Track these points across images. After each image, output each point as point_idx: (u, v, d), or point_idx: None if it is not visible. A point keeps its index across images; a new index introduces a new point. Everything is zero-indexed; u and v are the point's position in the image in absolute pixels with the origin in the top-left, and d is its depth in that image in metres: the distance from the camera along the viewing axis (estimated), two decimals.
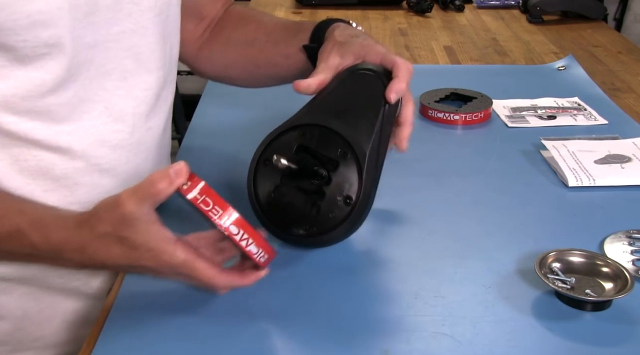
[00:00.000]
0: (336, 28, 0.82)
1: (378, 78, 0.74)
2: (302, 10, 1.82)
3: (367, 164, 0.69)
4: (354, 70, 0.76)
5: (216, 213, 0.59)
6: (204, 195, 0.59)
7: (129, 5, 0.73)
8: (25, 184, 0.71)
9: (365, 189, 0.69)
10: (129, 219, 0.59)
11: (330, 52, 0.78)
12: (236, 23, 0.95)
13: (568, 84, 1.28)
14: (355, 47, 0.77)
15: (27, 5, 0.63)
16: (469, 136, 1.07)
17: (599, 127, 1.09)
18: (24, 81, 0.67)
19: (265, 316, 0.66)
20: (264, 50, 0.91)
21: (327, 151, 0.70)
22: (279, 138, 0.73)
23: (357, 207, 0.69)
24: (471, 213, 0.84)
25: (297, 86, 0.75)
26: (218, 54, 0.95)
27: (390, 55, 0.76)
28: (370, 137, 0.70)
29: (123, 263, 0.62)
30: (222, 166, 0.95)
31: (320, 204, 0.70)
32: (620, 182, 0.90)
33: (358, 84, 0.74)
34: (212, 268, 0.62)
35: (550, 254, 0.71)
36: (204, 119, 1.13)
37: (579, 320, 0.66)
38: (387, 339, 0.63)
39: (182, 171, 0.58)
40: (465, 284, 0.71)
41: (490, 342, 0.63)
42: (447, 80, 1.22)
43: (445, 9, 1.82)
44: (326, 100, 0.74)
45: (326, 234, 0.70)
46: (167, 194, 0.58)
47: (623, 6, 2.70)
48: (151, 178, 0.58)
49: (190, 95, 2.65)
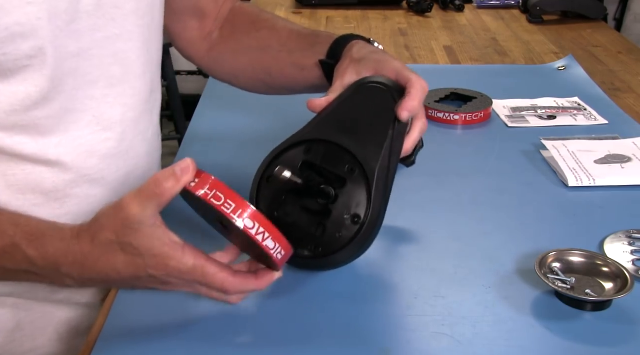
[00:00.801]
0: (355, 45, 0.80)
1: (388, 91, 0.71)
2: (302, 10, 1.82)
3: (376, 181, 0.66)
4: (363, 83, 0.73)
5: (229, 207, 0.56)
6: (214, 190, 0.56)
7: (112, 10, 0.71)
8: (14, 198, 0.70)
9: (374, 207, 0.66)
10: (132, 222, 0.56)
11: (347, 70, 0.76)
12: (248, 27, 0.92)
13: (568, 84, 1.28)
14: (371, 63, 0.75)
15: (4, 18, 0.61)
16: (469, 136, 1.07)
17: (599, 127, 1.09)
18: (8, 96, 0.65)
19: (264, 316, 0.66)
20: (277, 59, 0.88)
21: (334, 168, 0.68)
22: (283, 154, 0.70)
23: (366, 227, 0.66)
24: (471, 213, 0.84)
25: (312, 106, 0.72)
26: (228, 59, 0.93)
27: (406, 71, 0.73)
28: (379, 153, 0.67)
29: (127, 274, 0.58)
30: (223, 166, 0.95)
31: (326, 223, 0.66)
32: (620, 182, 0.90)
33: (367, 97, 0.71)
34: (223, 270, 0.59)
35: (550, 254, 0.71)
36: (203, 119, 1.13)
37: (579, 320, 0.66)
38: (387, 339, 0.63)
39: (189, 168, 0.56)
40: (465, 284, 0.71)
41: (490, 342, 0.63)
42: (447, 80, 1.22)
43: (445, 9, 1.82)
44: (334, 114, 0.71)
45: (333, 255, 0.66)
46: (173, 193, 0.55)
47: (623, 6, 2.70)
48: (156, 178, 0.55)
49: (190, 95, 2.66)
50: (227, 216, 0.56)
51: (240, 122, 1.11)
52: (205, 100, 1.20)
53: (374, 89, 0.72)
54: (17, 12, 0.61)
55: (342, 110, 0.71)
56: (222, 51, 0.93)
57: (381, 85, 0.72)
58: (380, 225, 0.68)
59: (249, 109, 1.14)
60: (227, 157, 0.98)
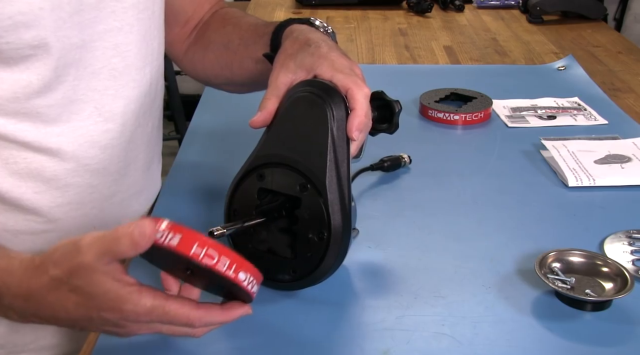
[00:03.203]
0: (289, 35, 0.76)
1: (318, 97, 0.68)
2: (302, 10, 1.82)
3: (329, 192, 0.64)
4: (294, 95, 0.69)
5: (223, 265, 0.53)
6: (205, 247, 0.52)
7: (112, 3, 0.72)
8: (16, 186, 0.70)
9: (334, 218, 0.64)
10: (84, 269, 0.53)
11: (281, 70, 0.72)
12: (217, 24, 0.92)
13: (568, 84, 1.28)
14: (306, 59, 0.71)
15: (7, 7, 0.62)
16: (469, 136, 1.07)
17: (599, 127, 1.09)
18: (10, 83, 0.66)
19: (263, 317, 0.66)
20: (236, 54, 0.87)
21: (288, 189, 0.66)
22: (240, 187, 0.69)
23: (333, 240, 0.64)
24: (471, 213, 0.84)
25: (253, 125, 0.70)
26: (199, 57, 0.93)
27: (341, 76, 0.69)
28: (324, 162, 0.65)
29: (77, 314, 0.55)
30: (222, 166, 0.95)
31: (296, 245, 0.66)
32: (620, 182, 0.90)
33: (302, 107, 0.68)
34: (185, 304, 0.55)
35: (550, 254, 0.71)
36: (203, 119, 1.13)
37: (578, 320, 0.66)
38: (387, 339, 0.63)
39: (146, 232, 0.50)
40: (465, 284, 0.71)
41: (490, 342, 0.63)
42: (447, 80, 1.22)
43: (445, 9, 1.82)
44: (276, 131, 0.69)
45: (310, 274, 0.66)
46: (129, 255, 0.52)
47: (623, 6, 2.70)
48: (116, 234, 0.51)
49: (190, 95, 2.66)
50: (222, 274, 0.53)
51: (240, 122, 1.10)
52: (205, 100, 1.20)
53: (306, 98, 0.69)
54: (19, 2, 0.62)
55: (283, 126, 0.69)
56: (195, 50, 0.93)
57: (311, 94, 0.68)
58: (349, 232, 0.66)
59: (249, 109, 1.13)
60: (227, 157, 0.98)
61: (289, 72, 0.71)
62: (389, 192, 0.85)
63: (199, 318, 0.55)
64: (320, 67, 0.70)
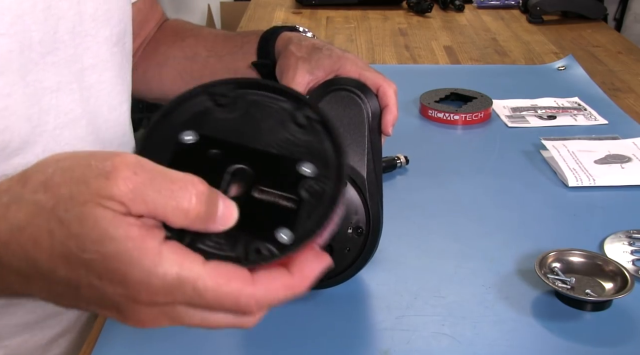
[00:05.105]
0: (289, 42, 0.76)
1: (355, 94, 0.70)
2: (302, 10, 1.82)
3: (368, 187, 0.66)
4: (327, 91, 0.70)
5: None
6: None
7: (87, 39, 0.66)
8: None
9: (373, 214, 0.66)
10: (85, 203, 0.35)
11: (296, 70, 0.72)
12: (172, 39, 0.88)
13: (568, 84, 1.28)
14: (324, 60, 0.72)
15: None
16: (469, 136, 1.07)
17: (599, 127, 1.09)
18: None
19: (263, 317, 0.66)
20: (207, 66, 0.85)
21: None
22: None
23: (370, 235, 0.67)
24: (471, 213, 0.84)
25: None
26: (154, 74, 0.88)
27: (368, 72, 0.70)
28: (363, 158, 0.67)
29: (51, 264, 0.36)
30: None
31: (332, 243, 0.67)
32: (620, 182, 0.90)
33: (340, 104, 0.70)
34: (232, 279, 0.36)
35: (550, 254, 0.71)
36: None
37: (578, 320, 0.66)
38: (387, 339, 0.63)
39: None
40: (465, 284, 0.71)
41: (490, 342, 0.63)
42: (447, 80, 1.22)
43: (445, 9, 1.82)
44: None
45: (345, 271, 0.67)
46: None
47: (623, 6, 2.70)
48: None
49: None
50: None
51: None
52: None
53: (343, 96, 0.70)
54: None
55: None
56: (146, 68, 0.89)
57: (348, 91, 0.70)
58: (381, 230, 0.69)
59: None
60: None
61: (306, 73, 0.72)
62: (389, 192, 0.85)
63: (257, 297, 0.37)
64: (343, 67, 0.72)
